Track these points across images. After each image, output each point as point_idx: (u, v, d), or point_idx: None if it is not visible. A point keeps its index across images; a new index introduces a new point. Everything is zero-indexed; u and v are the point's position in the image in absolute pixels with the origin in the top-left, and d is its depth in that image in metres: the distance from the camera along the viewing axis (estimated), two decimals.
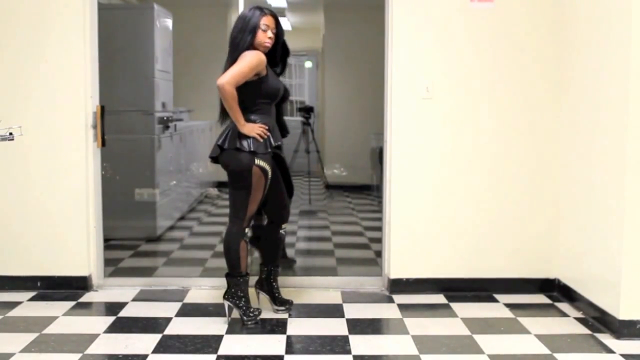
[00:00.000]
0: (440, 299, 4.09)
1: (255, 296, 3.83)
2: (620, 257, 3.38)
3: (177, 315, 3.77)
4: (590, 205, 3.74)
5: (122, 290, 4.23)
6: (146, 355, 3.18)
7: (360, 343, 3.35)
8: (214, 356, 3.18)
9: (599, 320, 3.60)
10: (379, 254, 4.46)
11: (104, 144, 4.21)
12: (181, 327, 3.58)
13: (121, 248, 5.21)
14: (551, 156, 4.15)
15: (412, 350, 3.27)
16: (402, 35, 4.10)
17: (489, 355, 3.20)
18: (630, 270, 3.37)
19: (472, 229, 4.18)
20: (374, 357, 3.21)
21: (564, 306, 3.96)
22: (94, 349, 3.27)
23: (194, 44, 6.87)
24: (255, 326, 3.59)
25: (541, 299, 4.11)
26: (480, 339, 3.42)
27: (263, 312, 3.72)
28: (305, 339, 3.44)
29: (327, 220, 6.67)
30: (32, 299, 4.04)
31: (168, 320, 3.68)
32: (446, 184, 4.17)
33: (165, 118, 5.86)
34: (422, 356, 3.19)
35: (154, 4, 5.63)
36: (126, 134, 5.43)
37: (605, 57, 3.56)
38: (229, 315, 3.64)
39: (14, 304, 3.92)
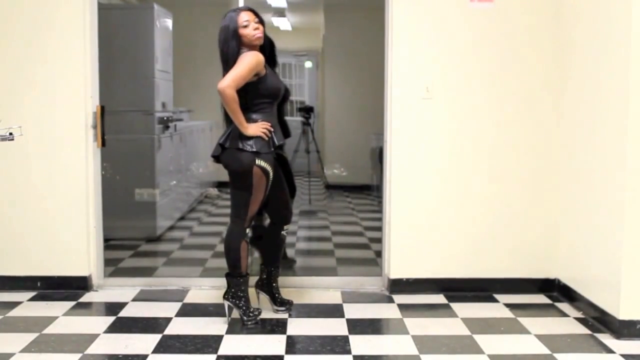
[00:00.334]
0: (440, 299, 4.09)
1: (256, 296, 3.83)
2: (620, 257, 3.38)
3: (177, 315, 3.77)
4: (590, 205, 3.74)
5: (122, 290, 4.23)
6: (146, 355, 3.18)
7: (360, 343, 3.35)
8: (214, 356, 3.18)
9: (599, 320, 3.60)
10: (379, 254, 4.46)
11: (104, 144, 4.21)
12: (181, 327, 3.58)
13: (121, 248, 5.21)
14: (551, 156, 4.15)
15: (412, 350, 3.27)
16: (402, 35, 4.10)
17: (489, 355, 3.20)
18: (630, 270, 3.37)
19: (472, 229, 4.19)
20: (374, 357, 3.21)
21: (564, 306, 3.96)
22: (94, 349, 3.27)
23: (194, 44, 6.85)
24: (255, 326, 3.59)
25: (541, 299, 4.11)
26: (480, 339, 3.42)
27: (263, 312, 3.72)
28: (305, 339, 3.44)
29: (327, 220, 6.67)
30: (32, 299, 4.04)
31: (168, 320, 3.69)
32: (446, 184, 4.17)
33: (165, 118, 5.85)
34: (422, 356, 3.19)
35: (154, 4, 5.63)
36: (126, 134, 5.43)
37: (605, 57, 3.56)
38: (229, 315, 3.64)
39: (14, 304, 3.92)
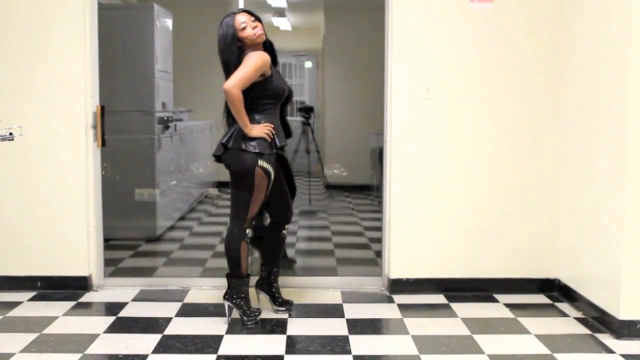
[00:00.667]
0: (440, 299, 4.09)
1: (256, 296, 3.83)
2: (620, 257, 3.38)
3: (177, 316, 3.77)
4: (590, 205, 3.74)
5: (122, 290, 4.23)
6: (146, 356, 3.18)
7: (360, 343, 3.35)
8: (214, 356, 3.18)
9: (599, 320, 3.60)
10: (379, 254, 4.46)
11: (104, 144, 4.21)
12: (181, 327, 3.58)
13: (121, 248, 5.21)
14: (551, 156, 4.15)
15: (412, 350, 3.27)
16: (402, 35, 4.10)
17: (489, 355, 3.20)
18: (630, 270, 3.37)
19: (472, 229, 4.18)
20: (374, 357, 3.21)
21: (564, 306, 3.96)
22: (94, 349, 3.27)
23: (194, 44, 6.85)
24: (255, 326, 3.59)
25: (541, 299, 4.11)
26: (480, 339, 3.42)
27: (263, 312, 3.72)
28: (305, 339, 3.44)
29: (327, 220, 6.67)
30: (32, 299, 4.04)
31: (168, 320, 3.68)
32: (446, 184, 4.17)
33: (165, 118, 5.85)
34: (422, 356, 3.19)
35: (154, 4, 5.63)
36: (126, 134, 5.42)
37: (605, 56, 3.56)
38: (229, 315, 3.64)
39: (14, 304, 3.92)
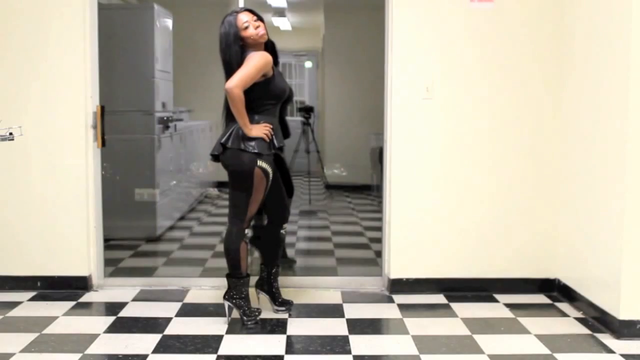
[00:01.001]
0: (440, 299, 4.09)
1: (255, 296, 3.83)
2: (620, 257, 3.38)
3: (177, 315, 3.77)
4: (590, 205, 3.74)
5: (122, 290, 4.23)
6: (146, 355, 3.18)
7: (360, 343, 3.35)
8: (214, 356, 3.18)
9: (599, 320, 3.60)
10: (379, 254, 4.46)
11: (104, 144, 4.21)
12: (181, 327, 3.58)
13: (121, 248, 5.21)
14: (551, 156, 4.15)
15: (412, 350, 3.27)
16: (402, 35, 4.10)
17: (489, 355, 3.20)
18: (630, 270, 3.37)
19: (472, 229, 4.18)
20: (374, 357, 3.21)
21: (564, 306, 3.96)
22: (94, 349, 3.27)
23: (194, 44, 6.85)
24: (255, 326, 3.59)
25: (541, 299, 4.11)
26: (480, 339, 3.42)
27: (263, 312, 3.72)
28: (305, 339, 3.44)
29: (327, 220, 6.67)
30: (32, 299, 4.04)
31: (168, 320, 3.68)
32: (446, 184, 4.17)
33: (165, 118, 5.85)
34: (422, 356, 3.19)
35: (154, 4, 5.62)
36: (126, 134, 5.42)
37: (605, 56, 3.56)
38: (229, 315, 3.64)
39: (14, 304, 3.92)
